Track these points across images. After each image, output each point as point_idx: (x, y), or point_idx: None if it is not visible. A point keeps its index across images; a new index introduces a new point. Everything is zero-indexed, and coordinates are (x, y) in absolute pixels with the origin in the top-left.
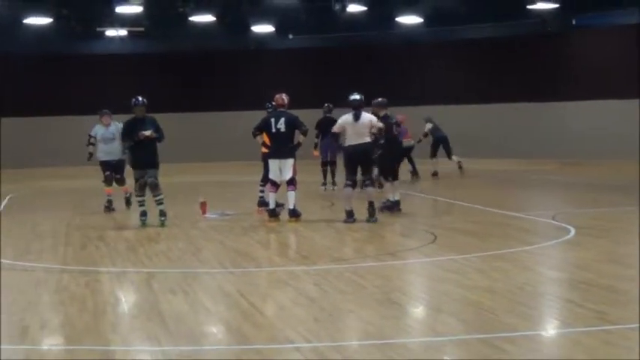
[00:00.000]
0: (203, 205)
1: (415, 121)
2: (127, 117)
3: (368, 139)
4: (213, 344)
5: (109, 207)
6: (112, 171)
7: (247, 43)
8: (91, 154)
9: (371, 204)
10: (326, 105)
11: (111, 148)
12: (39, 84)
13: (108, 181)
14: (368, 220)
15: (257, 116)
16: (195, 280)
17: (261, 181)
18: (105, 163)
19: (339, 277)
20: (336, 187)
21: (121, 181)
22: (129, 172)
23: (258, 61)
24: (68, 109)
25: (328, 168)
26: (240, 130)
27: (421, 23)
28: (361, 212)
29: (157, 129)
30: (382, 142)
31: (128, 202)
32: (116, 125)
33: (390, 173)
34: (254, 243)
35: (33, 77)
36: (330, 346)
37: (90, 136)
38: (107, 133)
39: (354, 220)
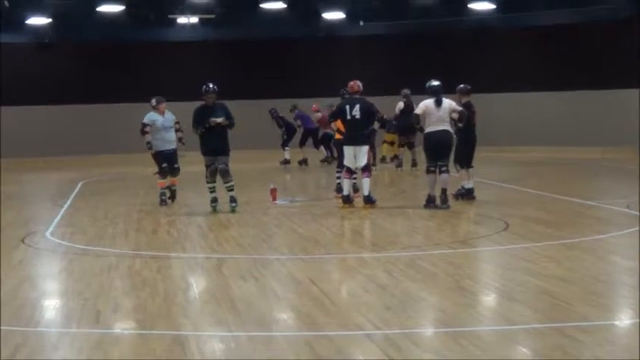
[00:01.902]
0: (273, 191)
1: (488, 107)
2: (197, 104)
3: (448, 126)
4: (283, 330)
5: (165, 200)
6: (168, 162)
7: (318, 30)
8: (149, 143)
9: (444, 191)
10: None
11: (170, 137)
12: (110, 72)
13: (164, 174)
14: (440, 207)
15: (326, 103)
16: (266, 267)
17: (337, 167)
18: (161, 153)
19: (410, 265)
20: (376, 168)
21: (177, 171)
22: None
23: (329, 48)
24: (139, 96)
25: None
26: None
27: (493, 9)
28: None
29: (228, 115)
30: (461, 125)
31: (174, 194)
32: (170, 114)
33: (465, 160)
34: (324, 230)
35: (105, 65)
36: (401, 333)
37: (145, 125)
38: (166, 121)
39: (436, 207)
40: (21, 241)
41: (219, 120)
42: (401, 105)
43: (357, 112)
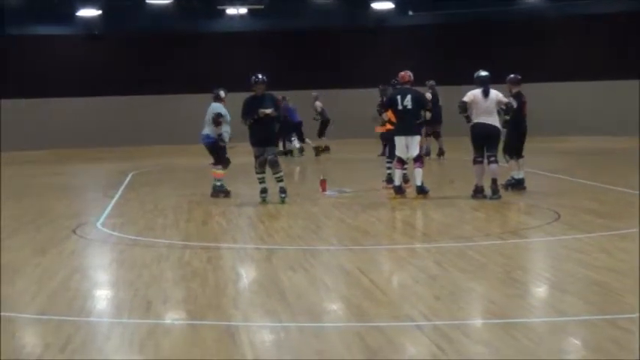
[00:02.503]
0: (323, 182)
1: (538, 97)
2: (246, 95)
3: (495, 118)
4: (333, 321)
5: (218, 192)
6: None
7: (366, 21)
8: (221, 135)
9: (494, 181)
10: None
11: (230, 129)
12: (160, 63)
13: (227, 165)
14: (490, 197)
15: (374, 94)
16: (315, 257)
17: (388, 157)
18: (226, 145)
19: (460, 255)
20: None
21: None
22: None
23: (378, 38)
24: (188, 87)
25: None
26: (358, 108)
27: None
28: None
29: (277, 106)
30: (508, 118)
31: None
32: None
33: (515, 151)
34: (374, 220)
35: (153, 56)
36: (451, 324)
37: (220, 115)
38: (229, 113)
39: (484, 197)
40: (72, 231)
41: (268, 111)
42: (429, 96)
43: (408, 102)
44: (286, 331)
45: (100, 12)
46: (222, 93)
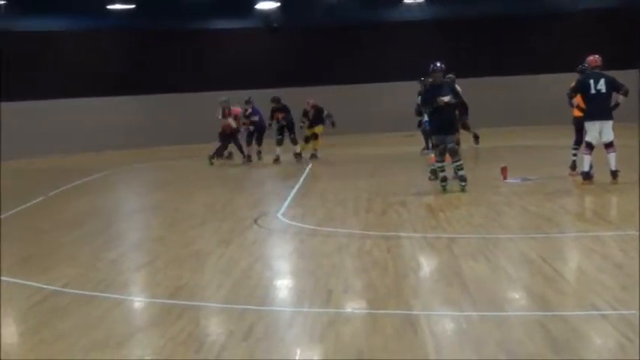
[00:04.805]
0: (504, 170)
1: None
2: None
3: None
4: (516, 310)
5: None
6: None
7: (541, 7)
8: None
9: None
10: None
11: None
12: (338, 54)
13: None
14: None
15: (556, 80)
16: (497, 246)
17: (574, 144)
18: None
19: None
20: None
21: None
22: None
23: (551, 24)
24: (370, 76)
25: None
26: (542, 94)
27: None
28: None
29: (455, 94)
30: None
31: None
32: None
33: None
34: (557, 208)
35: (332, 47)
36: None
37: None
38: None
39: None
40: (254, 222)
41: (446, 98)
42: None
43: (602, 85)
44: (467, 321)
45: (278, 4)
46: None
